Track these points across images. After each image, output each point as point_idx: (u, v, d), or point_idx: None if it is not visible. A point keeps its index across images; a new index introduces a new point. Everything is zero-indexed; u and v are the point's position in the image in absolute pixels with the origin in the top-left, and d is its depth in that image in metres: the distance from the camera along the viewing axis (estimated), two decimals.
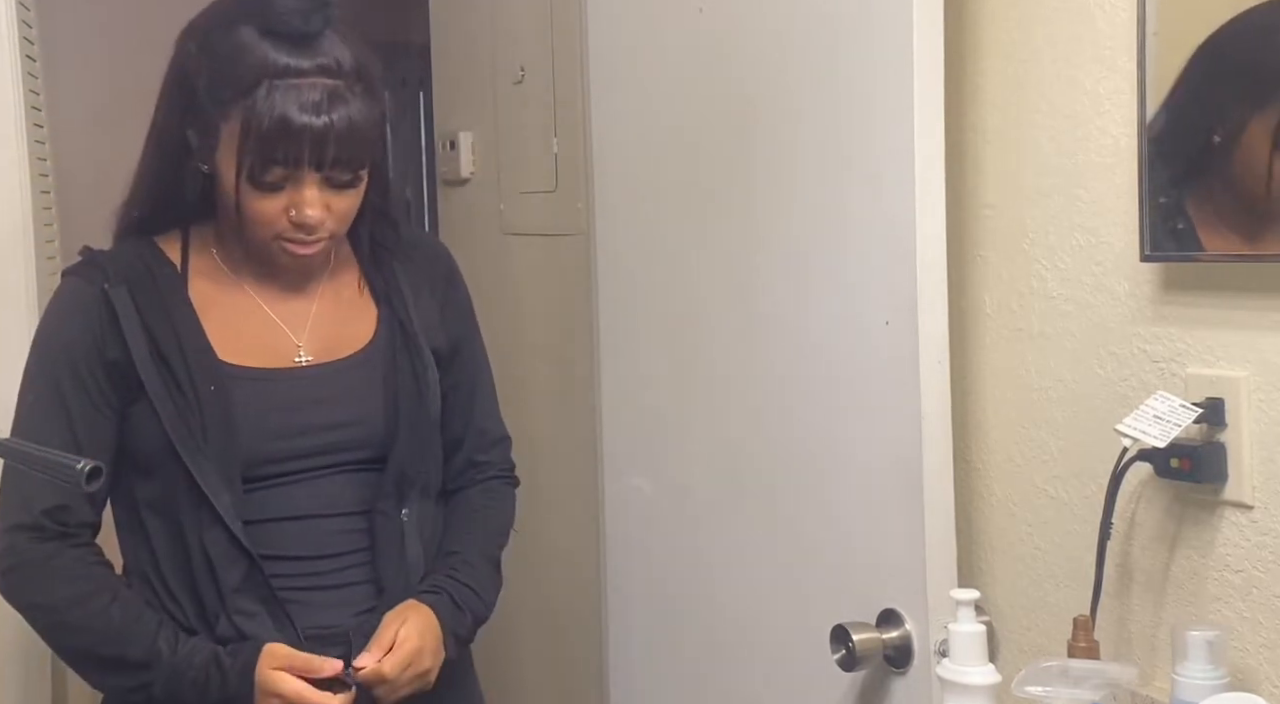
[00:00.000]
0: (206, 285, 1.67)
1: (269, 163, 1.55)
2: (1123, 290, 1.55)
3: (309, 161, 1.55)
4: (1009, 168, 1.68)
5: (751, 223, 1.85)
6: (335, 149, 1.55)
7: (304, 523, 1.64)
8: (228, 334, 1.64)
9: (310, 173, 1.56)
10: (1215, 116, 1.40)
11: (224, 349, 1.63)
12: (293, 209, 1.57)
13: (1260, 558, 1.42)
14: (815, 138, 1.74)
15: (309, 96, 1.54)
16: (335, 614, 1.65)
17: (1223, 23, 1.39)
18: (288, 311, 1.68)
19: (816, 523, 1.77)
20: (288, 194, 1.57)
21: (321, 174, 1.57)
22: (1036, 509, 1.67)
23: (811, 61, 1.74)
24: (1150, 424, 1.43)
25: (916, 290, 1.60)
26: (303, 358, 1.67)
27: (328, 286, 1.72)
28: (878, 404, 1.67)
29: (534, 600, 2.79)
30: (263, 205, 1.58)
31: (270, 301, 1.68)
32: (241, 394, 1.62)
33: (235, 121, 1.55)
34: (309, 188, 1.57)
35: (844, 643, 1.67)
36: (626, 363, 2.13)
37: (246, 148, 1.54)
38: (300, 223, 1.58)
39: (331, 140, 1.55)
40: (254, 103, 1.53)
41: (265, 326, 1.67)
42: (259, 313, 1.67)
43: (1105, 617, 1.54)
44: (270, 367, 1.65)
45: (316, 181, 1.57)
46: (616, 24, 2.12)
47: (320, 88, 1.55)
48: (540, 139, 2.64)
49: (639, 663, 2.15)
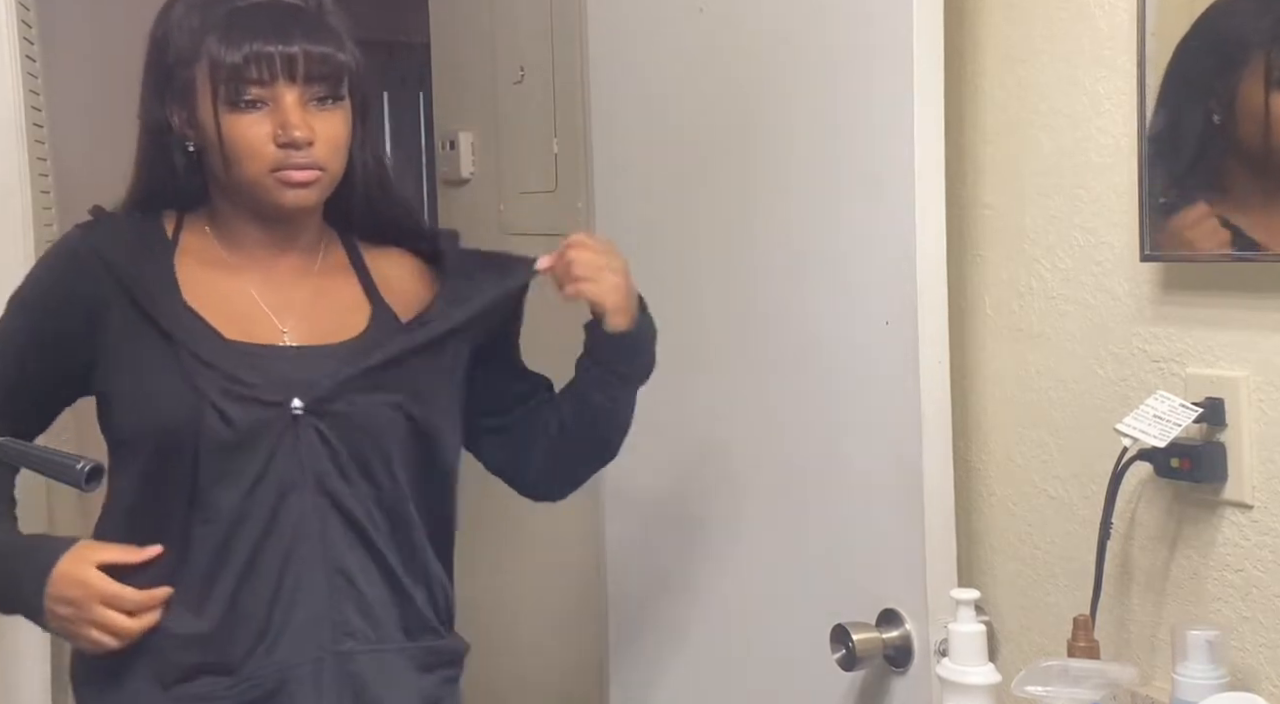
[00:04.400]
0: (194, 264, 1.65)
1: (243, 81, 1.54)
2: (1122, 290, 1.55)
3: (282, 72, 1.54)
4: (1009, 168, 1.68)
5: (751, 222, 1.85)
6: (306, 59, 1.55)
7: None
8: (212, 309, 1.62)
9: (286, 87, 1.55)
10: (1209, 94, 1.40)
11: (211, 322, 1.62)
12: (279, 129, 1.55)
13: (1260, 558, 1.42)
14: (815, 138, 1.74)
15: (272, 14, 1.56)
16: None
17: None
18: (275, 299, 1.66)
19: (816, 523, 1.77)
20: (271, 117, 1.56)
21: (298, 88, 1.56)
22: (1036, 509, 1.67)
23: (812, 62, 1.74)
24: (1150, 424, 1.43)
25: (916, 290, 1.60)
26: (288, 341, 1.64)
27: (319, 283, 1.69)
28: (878, 404, 1.67)
29: (534, 600, 2.79)
30: (247, 132, 1.56)
31: (258, 288, 1.66)
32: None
33: (205, 62, 1.55)
34: (289, 103, 1.55)
35: (844, 643, 1.67)
36: None
37: (219, 75, 1.54)
38: (289, 141, 1.55)
39: (299, 44, 1.55)
40: (220, 32, 1.55)
41: (250, 309, 1.64)
42: (245, 296, 1.65)
43: (1105, 616, 1.54)
44: (257, 342, 1.62)
45: (296, 97, 1.56)
46: (616, 24, 2.12)
47: (284, 6, 1.57)
48: (540, 139, 2.63)
49: (639, 663, 2.15)
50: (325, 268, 1.70)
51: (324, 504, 1.60)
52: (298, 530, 1.59)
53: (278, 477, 1.58)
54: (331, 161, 1.60)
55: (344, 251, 1.72)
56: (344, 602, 1.61)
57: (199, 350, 1.59)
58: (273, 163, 1.57)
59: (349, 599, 1.61)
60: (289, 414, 1.58)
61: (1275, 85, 1.34)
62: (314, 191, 1.60)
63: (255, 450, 1.58)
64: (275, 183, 1.58)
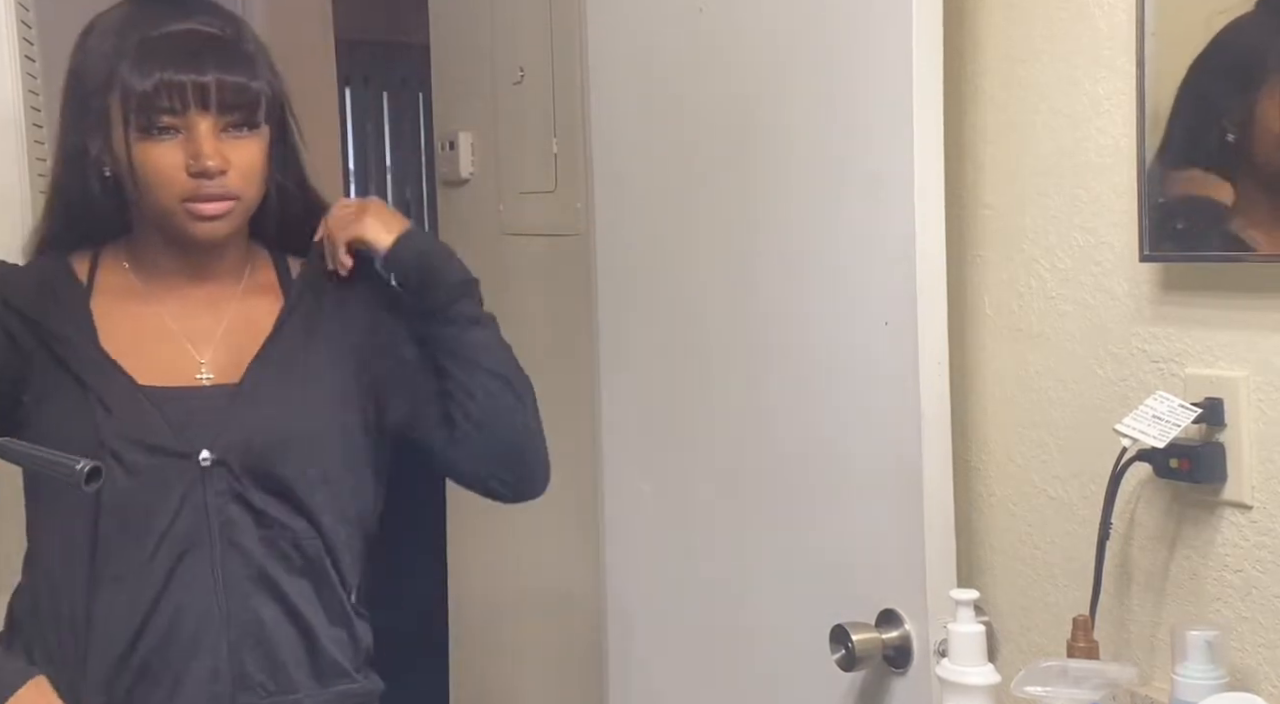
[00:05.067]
0: (110, 301, 1.64)
1: (155, 110, 1.53)
2: (1122, 290, 1.55)
3: (194, 101, 1.53)
4: (1009, 168, 1.68)
5: (751, 222, 1.85)
6: (219, 88, 1.54)
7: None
8: (127, 349, 1.61)
9: (200, 115, 1.54)
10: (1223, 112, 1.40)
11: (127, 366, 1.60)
12: (191, 159, 1.54)
13: (1259, 558, 1.42)
14: (815, 138, 1.74)
15: (185, 42, 1.55)
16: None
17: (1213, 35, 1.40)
18: (194, 328, 1.64)
19: (816, 523, 1.77)
20: (183, 146, 1.55)
21: (212, 116, 1.55)
22: (1036, 509, 1.67)
23: (811, 62, 1.74)
24: (1149, 424, 1.43)
25: (916, 291, 1.60)
26: (204, 376, 1.63)
27: (240, 307, 1.67)
28: (877, 404, 1.67)
29: (534, 600, 2.79)
30: (159, 161, 1.55)
31: (176, 318, 1.65)
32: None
33: (118, 91, 1.54)
34: (202, 132, 1.54)
35: (843, 643, 1.67)
36: (626, 363, 2.13)
37: (130, 103, 1.54)
38: (201, 170, 1.54)
39: (212, 73, 1.54)
40: (132, 60, 1.54)
41: (167, 342, 1.63)
42: (163, 329, 1.64)
43: (1105, 617, 1.54)
44: (170, 385, 1.61)
45: (209, 126, 1.55)
46: (616, 24, 2.12)
47: (198, 34, 1.56)
48: (539, 139, 2.63)
49: (639, 662, 2.15)
50: (250, 289, 1.69)
51: (232, 556, 1.59)
52: (200, 584, 1.58)
53: (184, 529, 1.57)
54: (246, 190, 1.59)
55: (273, 270, 1.71)
56: (246, 654, 1.59)
57: (107, 397, 1.57)
58: (184, 192, 1.56)
59: (252, 651, 1.60)
60: (197, 465, 1.57)
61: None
62: (225, 223, 1.59)
63: (162, 501, 1.57)
64: (186, 214, 1.57)
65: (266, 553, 1.61)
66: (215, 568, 1.59)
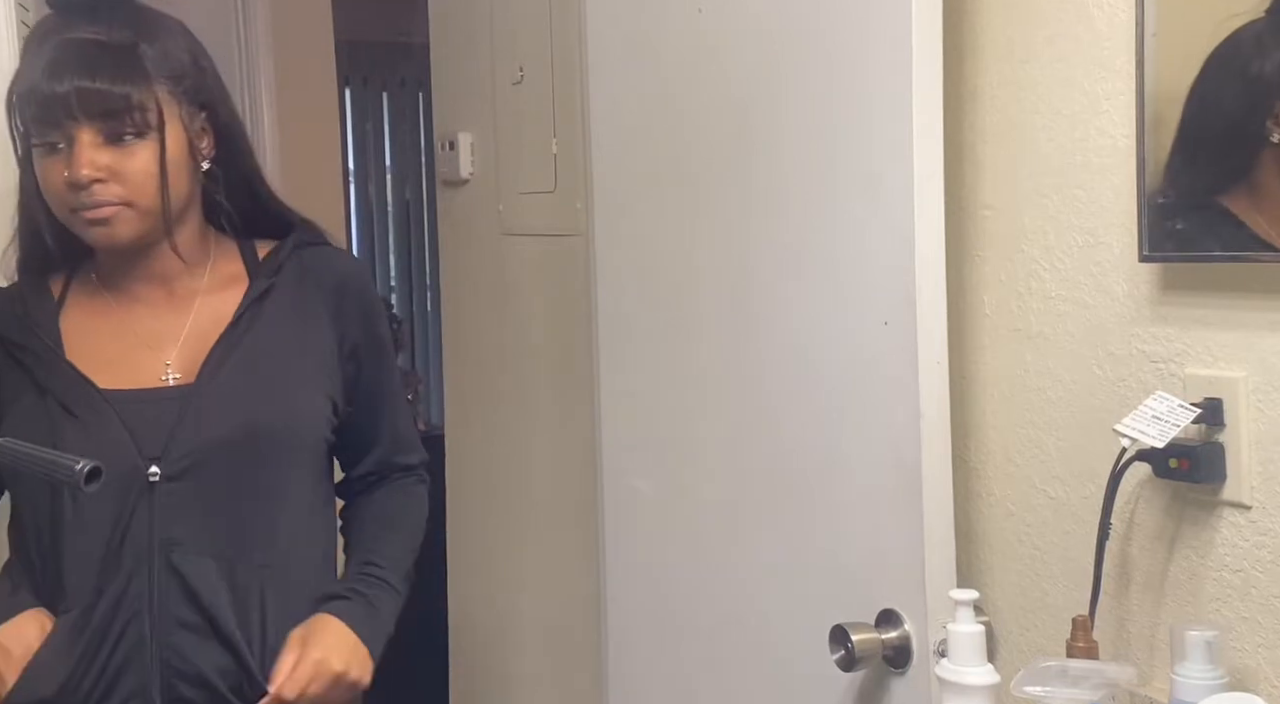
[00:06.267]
0: (80, 315, 1.65)
1: (35, 122, 1.54)
2: (1121, 291, 1.55)
3: (61, 111, 1.52)
4: (1008, 168, 1.68)
5: (750, 223, 1.85)
6: (81, 96, 1.52)
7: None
8: (94, 357, 1.62)
9: (79, 127, 1.53)
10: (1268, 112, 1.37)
11: (92, 372, 1.61)
12: (67, 170, 1.54)
13: (1259, 558, 1.42)
14: (814, 138, 1.74)
15: (64, 51, 1.54)
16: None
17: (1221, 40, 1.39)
18: (159, 330, 1.65)
19: (815, 523, 1.77)
20: (66, 159, 1.55)
21: (89, 127, 1.53)
22: (1035, 509, 1.67)
23: (811, 62, 1.74)
24: (1149, 424, 1.43)
25: (915, 291, 1.60)
26: (169, 376, 1.63)
27: (205, 303, 1.67)
28: (877, 404, 1.67)
29: (534, 600, 2.79)
30: (48, 174, 1.56)
31: (142, 321, 1.65)
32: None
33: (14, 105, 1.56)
34: (81, 143, 1.53)
35: (843, 643, 1.67)
36: (625, 363, 2.13)
37: (14, 117, 1.55)
38: (73, 181, 1.53)
39: (74, 82, 1.52)
40: (16, 74, 1.56)
41: (133, 347, 1.64)
42: (129, 334, 1.65)
43: (1104, 617, 1.54)
44: (132, 387, 1.62)
45: (90, 137, 1.54)
46: (616, 25, 2.12)
47: (78, 43, 1.55)
48: (539, 139, 2.63)
49: (638, 663, 2.15)
50: (215, 283, 1.69)
51: (169, 577, 1.59)
52: (137, 602, 1.59)
53: (130, 544, 1.58)
54: (136, 195, 1.57)
55: (240, 260, 1.71)
56: (176, 677, 1.60)
57: (67, 402, 1.58)
58: (70, 203, 1.56)
59: (181, 669, 1.60)
60: (145, 480, 1.58)
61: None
62: (119, 227, 1.58)
63: (113, 514, 1.58)
64: (80, 221, 1.57)
65: (208, 571, 1.60)
66: (152, 588, 1.59)
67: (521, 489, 2.81)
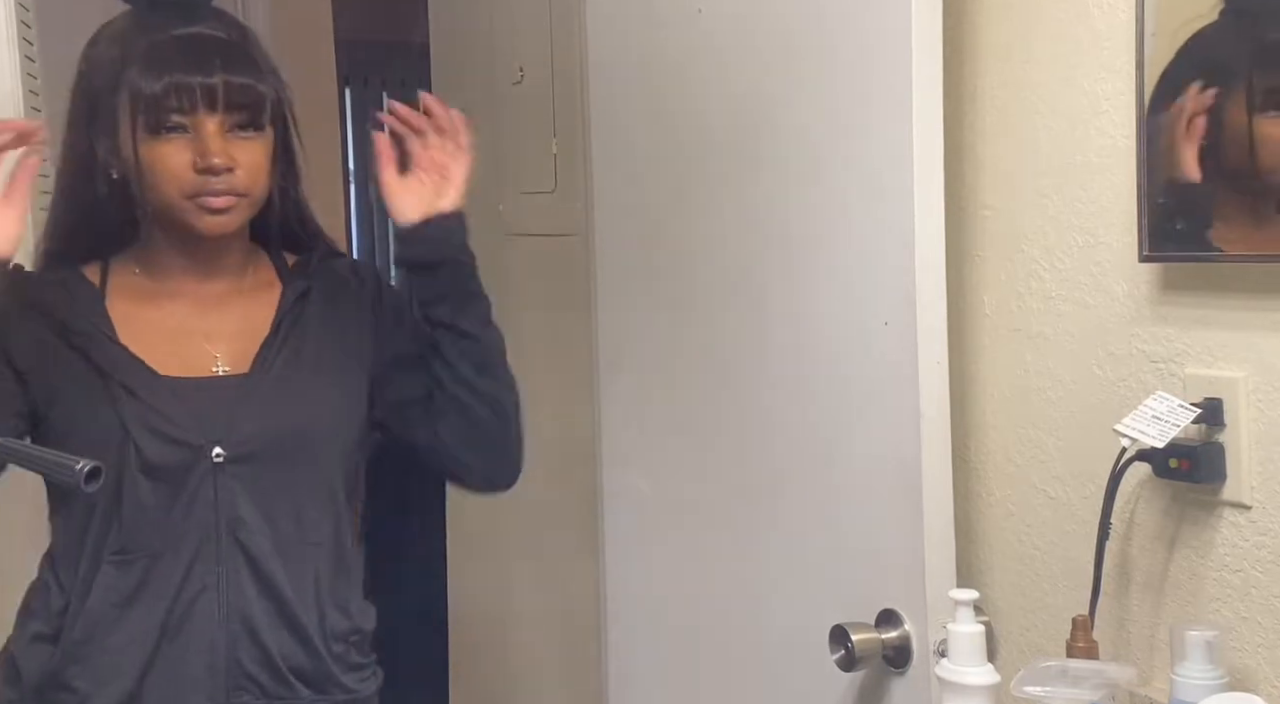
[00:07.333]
0: (124, 303, 1.67)
1: (164, 110, 1.57)
2: (1121, 291, 1.55)
3: (202, 101, 1.57)
4: (1008, 168, 1.68)
5: (750, 223, 1.85)
6: (226, 89, 1.58)
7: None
8: (144, 345, 1.64)
9: (207, 115, 1.58)
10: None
11: (145, 358, 1.63)
12: (198, 157, 1.58)
13: (1259, 558, 1.42)
14: (814, 138, 1.74)
15: (194, 45, 1.59)
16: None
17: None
18: (205, 324, 1.68)
19: (816, 523, 1.77)
20: (190, 145, 1.58)
21: (219, 116, 1.58)
22: (1035, 509, 1.67)
23: (810, 62, 1.74)
24: (1149, 424, 1.43)
25: (916, 291, 1.60)
26: (220, 368, 1.66)
27: (245, 303, 1.70)
28: (877, 404, 1.67)
29: (533, 600, 2.79)
30: (167, 159, 1.58)
31: (189, 316, 1.68)
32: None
33: (126, 93, 1.58)
34: (209, 131, 1.58)
35: (843, 643, 1.67)
36: (626, 363, 2.14)
37: (139, 104, 1.57)
38: (207, 167, 1.58)
39: (220, 75, 1.58)
40: (141, 64, 1.58)
41: (182, 338, 1.66)
42: (177, 326, 1.67)
43: (1104, 617, 1.54)
44: (190, 375, 1.64)
45: (215, 125, 1.58)
46: (616, 24, 2.12)
47: (204, 38, 1.60)
48: (540, 139, 2.63)
49: (638, 662, 2.15)
50: (253, 285, 1.72)
51: (235, 552, 1.62)
52: (204, 578, 1.61)
53: (194, 521, 1.60)
54: (252, 187, 1.62)
55: (272, 268, 1.75)
56: (243, 653, 1.61)
57: (130, 384, 1.61)
58: (191, 189, 1.59)
59: (249, 650, 1.62)
60: (209, 460, 1.61)
61: (1257, 110, 1.35)
62: (232, 217, 1.62)
63: (175, 492, 1.60)
64: (194, 208, 1.60)
65: (271, 551, 1.63)
66: (219, 566, 1.61)
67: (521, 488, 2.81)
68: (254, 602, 1.62)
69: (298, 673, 1.64)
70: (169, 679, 1.60)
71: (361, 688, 1.70)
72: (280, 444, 1.64)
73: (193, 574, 1.60)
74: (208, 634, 1.60)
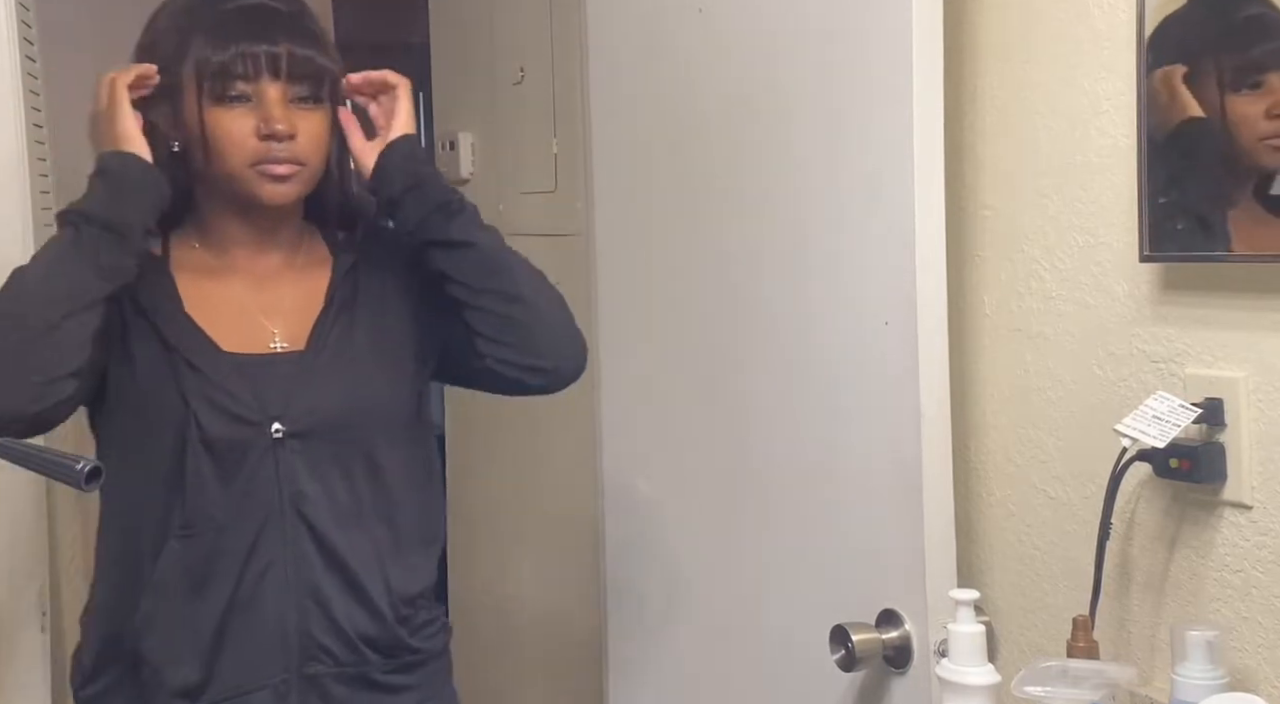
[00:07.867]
0: (187, 276, 1.69)
1: (230, 78, 1.60)
2: (1121, 291, 1.55)
3: (267, 69, 1.60)
4: (1008, 168, 1.68)
5: (751, 223, 1.85)
6: (290, 59, 1.61)
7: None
8: (208, 319, 1.66)
9: (270, 83, 1.61)
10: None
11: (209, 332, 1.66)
12: (261, 123, 1.61)
13: (1259, 558, 1.42)
14: (814, 138, 1.74)
15: (258, 16, 1.63)
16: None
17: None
18: (264, 300, 1.70)
19: (816, 523, 1.77)
20: (254, 112, 1.61)
21: (282, 85, 1.61)
22: (1035, 509, 1.67)
23: (811, 62, 1.74)
24: (1149, 424, 1.43)
25: (916, 291, 1.60)
26: (278, 344, 1.68)
27: (300, 277, 1.73)
28: (877, 404, 1.67)
29: (534, 600, 2.79)
30: (231, 126, 1.61)
31: (248, 291, 1.70)
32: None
33: (192, 62, 1.61)
34: (272, 98, 1.61)
35: (843, 643, 1.67)
36: (626, 363, 2.14)
37: (205, 72, 1.60)
38: (271, 133, 1.61)
39: (284, 45, 1.61)
40: (206, 33, 1.61)
41: (243, 314, 1.68)
42: (237, 301, 1.69)
43: (1104, 617, 1.54)
44: (250, 352, 1.67)
45: (279, 94, 1.61)
46: (616, 24, 2.12)
47: (269, 9, 1.64)
48: (539, 139, 2.64)
49: (638, 662, 2.15)
50: (306, 262, 1.74)
51: (299, 526, 1.63)
52: (270, 552, 1.63)
53: (257, 497, 1.62)
54: (312, 157, 1.65)
55: (324, 243, 1.77)
56: (313, 624, 1.64)
57: (193, 359, 1.63)
58: (254, 156, 1.62)
59: (320, 622, 1.64)
60: (269, 436, 1.62)
61: (1228, 88, 1.36)
62: (293, 186, 1.65)
63: (236, 467, 1.62)
64: (256, 175, 1.63)
65: (334, 524, 1.65)
66: (285, 540, 1.63)
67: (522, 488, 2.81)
68: (321, 574, 1.64)
69: (367, 640, 1.66)
70: (242, 652, 1.62)
71: (429, 645, 1.74)
72: (337, 420, 1.66)
73: (259, 549, 1.62)
74: (278, 607, 1.63)
